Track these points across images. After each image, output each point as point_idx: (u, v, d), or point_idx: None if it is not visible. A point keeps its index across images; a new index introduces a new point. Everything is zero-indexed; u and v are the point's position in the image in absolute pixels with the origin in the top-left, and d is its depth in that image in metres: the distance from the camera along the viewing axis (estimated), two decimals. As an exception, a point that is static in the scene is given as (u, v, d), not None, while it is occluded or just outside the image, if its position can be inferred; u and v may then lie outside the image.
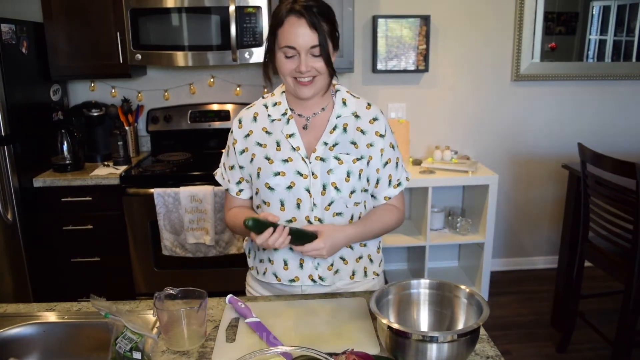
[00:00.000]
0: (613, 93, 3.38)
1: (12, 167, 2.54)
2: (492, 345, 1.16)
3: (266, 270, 1.44)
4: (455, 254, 3.56)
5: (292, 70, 1.29)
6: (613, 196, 2.23)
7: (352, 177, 1.36)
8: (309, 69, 1.28)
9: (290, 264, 1.40)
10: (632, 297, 2.17)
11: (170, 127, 3.11)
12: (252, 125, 1.41)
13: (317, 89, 1.33)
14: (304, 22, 1.25)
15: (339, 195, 1.36)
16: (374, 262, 1.50)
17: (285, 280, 1.42)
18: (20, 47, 2.63)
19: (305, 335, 1.19)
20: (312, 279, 1.40)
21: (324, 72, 1.31)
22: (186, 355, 1.15)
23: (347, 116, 1.39)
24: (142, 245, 2.75)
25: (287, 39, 1.27)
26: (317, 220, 1.37)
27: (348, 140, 1.38)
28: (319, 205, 1.36)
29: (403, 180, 1.49)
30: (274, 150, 1.37)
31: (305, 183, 1.35)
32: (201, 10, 2.67)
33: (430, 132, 3.35)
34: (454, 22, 3.20)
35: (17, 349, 1.27)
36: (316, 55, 1.28)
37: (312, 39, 1.26)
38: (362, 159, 1.37)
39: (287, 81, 1.33)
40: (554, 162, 3.42)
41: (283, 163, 1.35)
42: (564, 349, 2.64)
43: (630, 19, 3.27)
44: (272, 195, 1.37)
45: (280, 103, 1.41)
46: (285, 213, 1.38)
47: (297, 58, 1.28)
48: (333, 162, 1.35)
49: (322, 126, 1.39)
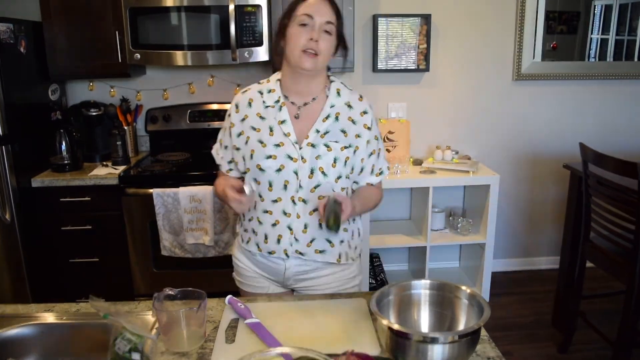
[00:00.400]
0: (615, 92, 3.37)
1: (10, 167, 2.53)
2: (493, 346, 1.15)
3: (250, 240, 1.56)
4: (456, 254, 3.55)
5: (304, 38, 1.39)
6: (615, 196, 2.22)
7: (339, 164, 1.46)
8: (319, 41, 1.39)
9: (269, 238, 1.51)
10: (634, 297, 2.16)
11: (169, 126, 3.10)
12: (247, 110, 1.52)
13: (318, 66, 1.44)
14: (327, 2, 1.42)
15: (325, 180, 1.46)
16: (350, 247, 1.59)
17: (265, 252, 1.53)
18: (18, 46, 2.62)
19: (305, 336, 1.19)
20: (286, 253, 1.50)
21: (327, 53, 1.43)
22: (185, 356, 1.14)
23: (340, 106, 1.50)
24: (141, 246, 2.74)
25: (308, 8, 1.40)
26: (301, 201, 1.47)
27: (339, 128, 1.48)
28: (305, 187, 1.46)
29: (385, 169, 1.60)
30: (267, 135, 1.47)
31: (294, 166, 1.45)
32: (200, 9, 2.66)
33: (431, 131, 3.34)
34: (455, 21, 3.19)
35: (16, 350, 1.26)
36: (327, 32, 1.41)
37: (329, 15, 1.41)
38: (350, 148, 1.48)
39: (292, 52, 1.41)
40: (555, 161, 3.41)
41: (275, 147, 1.45)
42: (565, 350, 2.64)
43: (632, 18, 3.26)
44: (262, 176, 1.47)
45: (274, 90, 1.51)
46: (273, 193, 1.48)
47: (310, 29, 1.40)
48: (322, 148, 1.45)
49: (314, 114, 1.49)
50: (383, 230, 3.21)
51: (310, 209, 1.47)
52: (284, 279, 1.57)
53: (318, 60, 1.41)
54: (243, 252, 1.61)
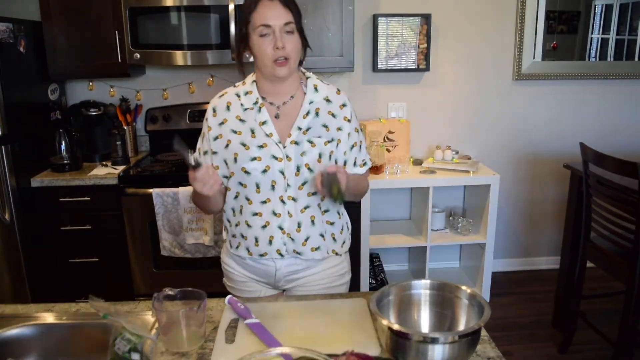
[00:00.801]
0: (615, 92, 3.37)
1: (9, 167, 2.53)
2: (493, 346, 1.15)
3: (239, 245, 1.54)
4: (457, 254, 3.55)
5: (270, 49, 1.37)
6: (615, 196, 2.22)
7: (324, 158, 1.46)
8: (284, 45, 1.37)
9: (260, 240, 1.50)
10: (634, 297, 2.16)
11: (169, 126, 3.10)
12: (225, 114, 1.50)
13: (292, 69, 1.43)
14: (277, 3, 1.37)
15: (312, 176, 1.45)
16: (337, 241, 1.58)
17: (256, 255, 1.52)
18: (18, 46, 2.62)
19: (305, 336, 1.19)
20: (280, 253, 1.50)
21: (296, 52, 1.42)
22: (185, 356, 1.14)
23: (319, 101, 1.50)
24: (140, 246, 2.74)
25: (263, 18, 1.36)
26: (291, 200, 1.47)
27: (320, 123, 1.48)
28: (293, 185, 1.46)
29: (368, 160, 1.61)
30: (249, 137, 1.46)
31: (280, 166, 1.44)
32: (200, 9, 2.66)
33: (431, 131, 3.34)
34: (455, 20, 3.19)
35: (15, 350, 1.26)
36: (289, 33, 1.39)
37: (286, 16, 1.37)
38: (333, 142, 1.48)
39: (264, 63, 1.40)
40: (555, 161, 3.41)
41: (259, 149, 1.44)
42: (565, 350, 2.63)
43: (633, 17, 3.26)
44: (249, 179, 1.46)
45: (251, 92, 1.49)
46: (260, 194, 1.47)
47: (272, 37, 1.37)
48: (306, 145, 1.45)
49: (294, 112, 1.48)
50: (383, 230, 3.21)
51: (301, 206, 1.48)
52: (275, 280, 1.57)
53: (290, 64, 1.41)
54: (232, 257, 1.60)
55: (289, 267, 1.54)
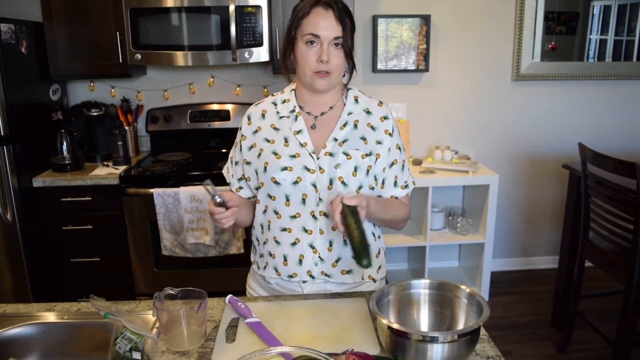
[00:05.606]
0: (614, 93, 3.38)
1: (11, 167, 2.54)
2: (492, 346, 1.16)
3: (267, 265, 1.45)
4: (456, 254, 3.55)
5: (314, 60, 1.32)
6: (613, 196, 2.23)
7: (360, 172, 1.37)
8: (329, 59, 1.31)
9: (289, 259, 1.40)
10: (632, 297, 2.17)
11: (170, 127, 3.11)
12: (260, 122, 1.44)
13: (332, 84, 1.37)
14: (331, 14, 1.30)
15: (345, 190, 1.36)
16: (372, 266, 1.48)
17: (285, 276, 1.42)
18: (19, 46, 2.62)
19: (305, 336, 1.19)
20: (311, 275, 1.40)
21: (340, 68, 1.35)
22: (186, 355, 1.14)
23: (359, 113, 1.42)
24: (141, 246, 2.75)
25: (313, 27, 1.30)
26: (323, 215, 1.37)
27: (358, 136, 1.39)
28: (325, 200, 1.36)
29: (410, 183, 1.51)
30: (282, 145, 1.38)
31: (312, 178, 1.35)
32: (201, 9, 2.66)
33: (430, 132, 3.35)
34: (454, 21, 3.19)
35: (17, 349, 1.26)
36: (337, 48, 1.32)
37: (336, 30, 1.31)
38: (371, 155, 1.38)
39: (304, 72, 1.35)
40: (554, 161, 3.42)
41: (290, 158, 1.36)
42: (564, 349, 2.64)
43: (631, 18, 3.26)
44: (278, 190, 1.38)
45: (289, 100, 1.43)
46: (290, 208, 1.38)
47: (318, 48, 1.31)
48: (341, 157, 1.36)
49: (331, 123, 1.41)
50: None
51: (333, 223, 1.31)
52: None
53: (332, 79, 1.34)
54: (257, 281, 1.51)
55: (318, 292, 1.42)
